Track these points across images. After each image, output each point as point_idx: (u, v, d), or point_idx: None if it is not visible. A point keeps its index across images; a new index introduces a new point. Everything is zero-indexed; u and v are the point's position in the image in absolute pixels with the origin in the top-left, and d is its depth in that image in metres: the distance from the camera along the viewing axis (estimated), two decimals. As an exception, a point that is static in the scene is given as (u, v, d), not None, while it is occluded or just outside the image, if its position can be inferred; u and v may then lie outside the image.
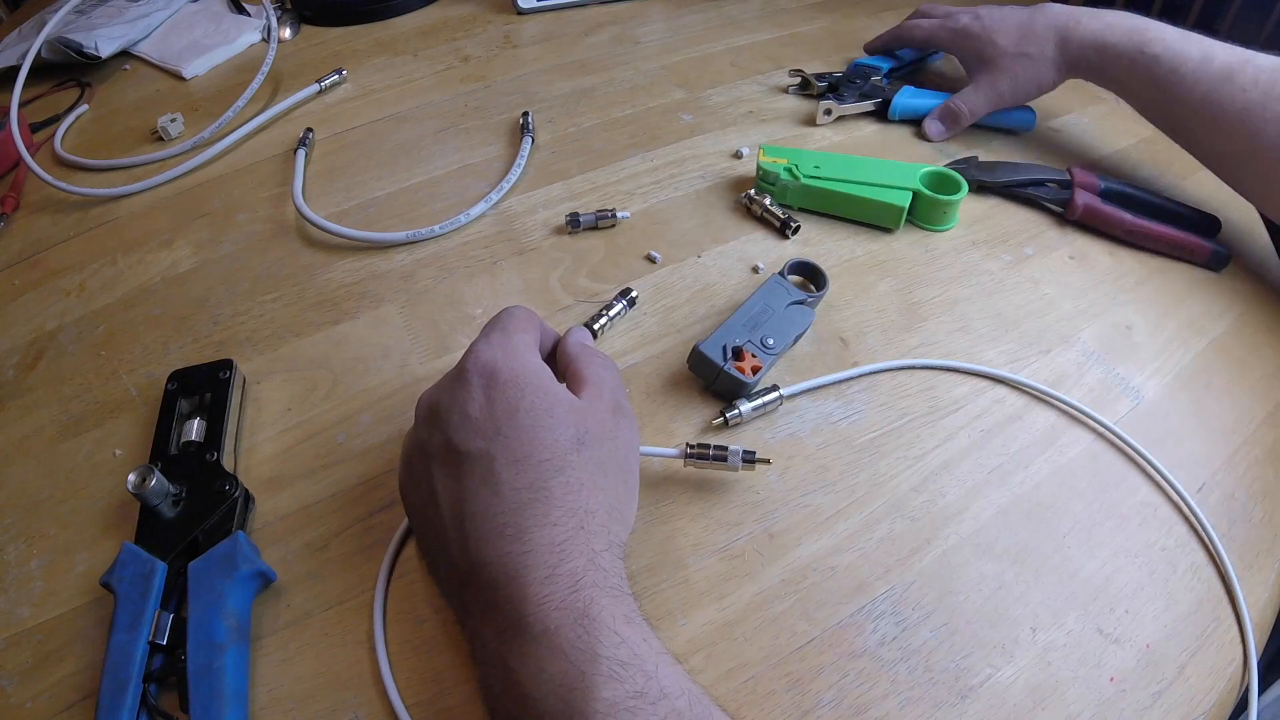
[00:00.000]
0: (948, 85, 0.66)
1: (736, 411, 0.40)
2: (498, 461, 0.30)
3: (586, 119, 0.62)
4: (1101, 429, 0.41)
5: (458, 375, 0.32)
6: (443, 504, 0.31)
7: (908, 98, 0.62)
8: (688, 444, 0.37)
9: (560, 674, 0.26)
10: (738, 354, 0.41)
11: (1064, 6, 0.56)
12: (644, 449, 0.37)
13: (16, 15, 0.84)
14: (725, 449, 0.37)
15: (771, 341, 0.42)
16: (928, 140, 0.60)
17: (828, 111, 0.62)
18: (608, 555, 0.29)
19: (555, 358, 0.37)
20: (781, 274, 0.47)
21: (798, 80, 0.66)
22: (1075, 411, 0.41)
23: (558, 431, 0.31)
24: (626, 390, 0.37)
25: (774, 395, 0.41)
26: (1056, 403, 0.42)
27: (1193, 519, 0.37)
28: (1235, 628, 0.34)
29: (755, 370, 0.41)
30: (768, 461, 0.37)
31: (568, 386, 0.34)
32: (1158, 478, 0.39)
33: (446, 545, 0.31)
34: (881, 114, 0.63)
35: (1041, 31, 0.56)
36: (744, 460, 0.37)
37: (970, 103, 0.59)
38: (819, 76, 0.65)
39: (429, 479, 0.32)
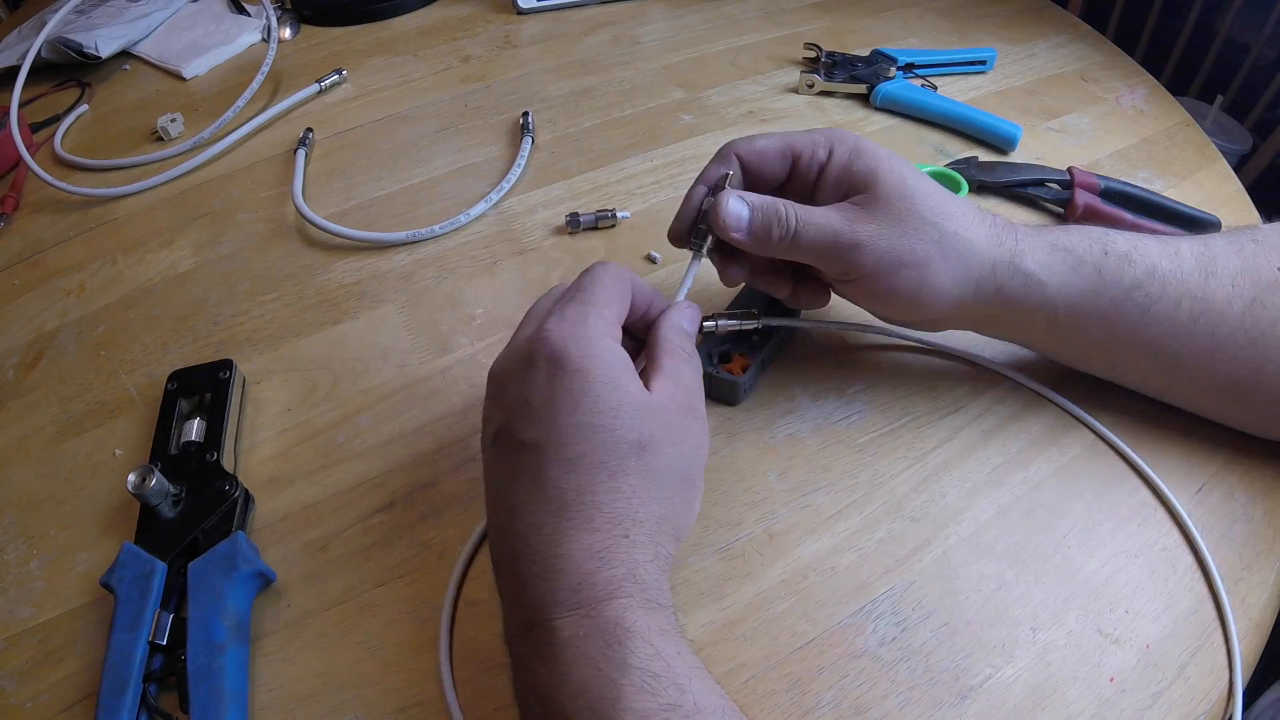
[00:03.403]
0: (970, 95, 0.66)
1: (713, 322, 0.39)
2: (548, 455, 0.28)
3: (586, 119, 0.62)
4: (1101, 430, 0.40)
5: (526, 354, 0.30)
6: (492, 484, 0.31)
7: (896, 87, 0.62)
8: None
9: (586, 681, 0.25)
10: (725, 357, 0.41)
11: (983, 210, 0.37)
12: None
13: (16, 15, 0.84)
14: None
15: (757, 338, 0.42)
16: (713, 223, 0.36)
17: (810, 85, 0.64)
18: (651, 567, 0.28)
19: (645, 330, 0.35)
20: None
21: (812, 54, 0.67)
22: (1075, 412, 0.41)
23: (619, 433, 0.29)
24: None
25: (754, 320, 0.40)
26: (1056, 403, 0.42)
27: (1185, 524, 0.37)
28: (1234, 628, 0.34)
29: (745, 368, 0.41)
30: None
31: (647, 372, 0.32)
32: (1154, 479, 0.39)
33: (491, 523, 0.31)
34: (867, 99, 0.64)
35: (966, 219, 0.35)
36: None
37: (809, 222, 0.35)
38: (831, 54, 0.66)
39: (486, 455, 0.31)
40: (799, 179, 0.38)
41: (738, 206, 0.36)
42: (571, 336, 0.30)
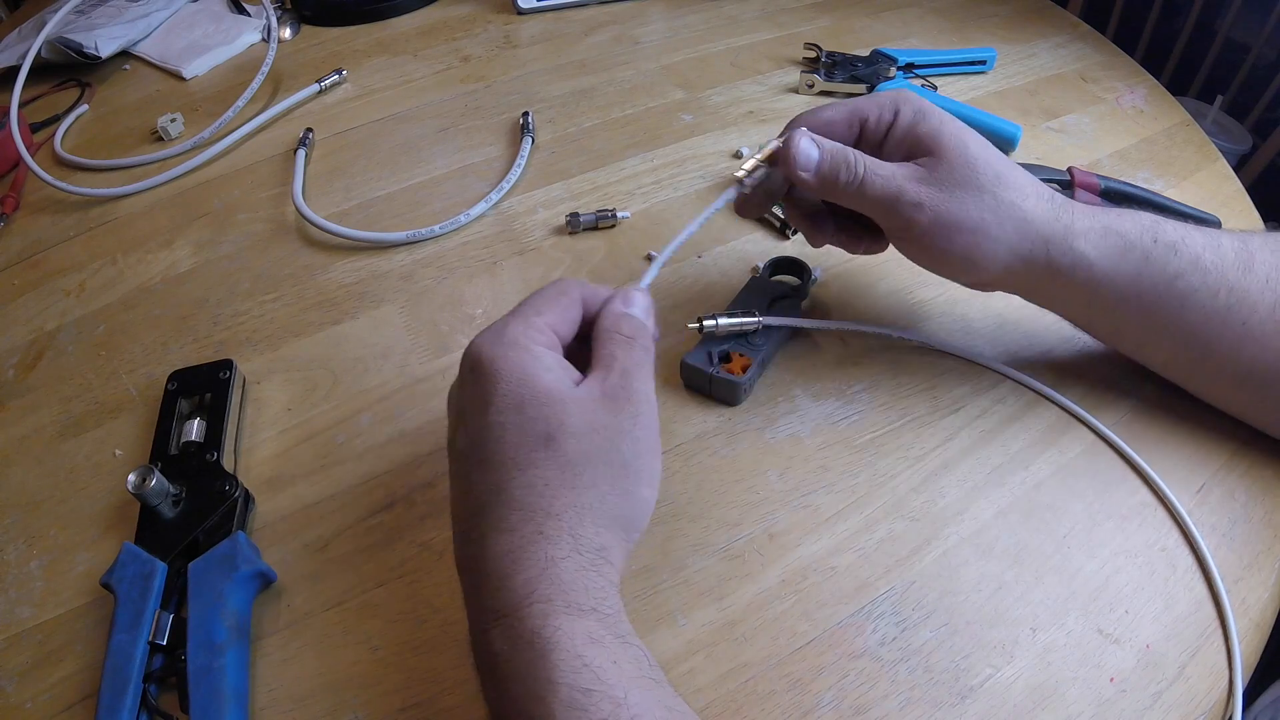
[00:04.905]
0: (970, 95, 0.66)
1: (713, 320, 0.41)
2: (469, 460, 0.29)
3: (586, 119, 0.62)
4: (1102, 429, 0.40)
5: (461, 368, 0.32)
6: (451, 496, 0.31)
7: (896, 87, 0.62)
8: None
9: (520, 698, 0.25)
10: (725, 357, 0.41)
11: (1040, 182, 0.38)
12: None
13: (16, 15, 0.84)
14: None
15: (759, 339, 0.42)
16: (785, 160, 0.37)
17: (810, 85, 0.64)
18: (569, 564, 0.27)
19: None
20: (760, 275, 0.47)
21: (812, 54, 0.66)
22: (1076, 411, 0.41)
23: (525, 427, 0.28)
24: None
25: (752, 320, 0.42)
26: (1057, 403, 0.42)
27: (1185, 524, 0.37)
28: (1234, 628, 0.34)
29: (745, 368, 0.41)
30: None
31: (590, 365, 0.32)
32: (1155, 479, 0.39)
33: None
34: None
35: (1024, 190, 0.37)
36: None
37: (875, 172, 0.37)
38: (831, 54, 0.66)
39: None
40: (866, 141, 0.39)
41: (808, 147, 0.37)
42: (488, 343, 0.30)
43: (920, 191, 0.36)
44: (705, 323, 0.41)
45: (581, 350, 0.33)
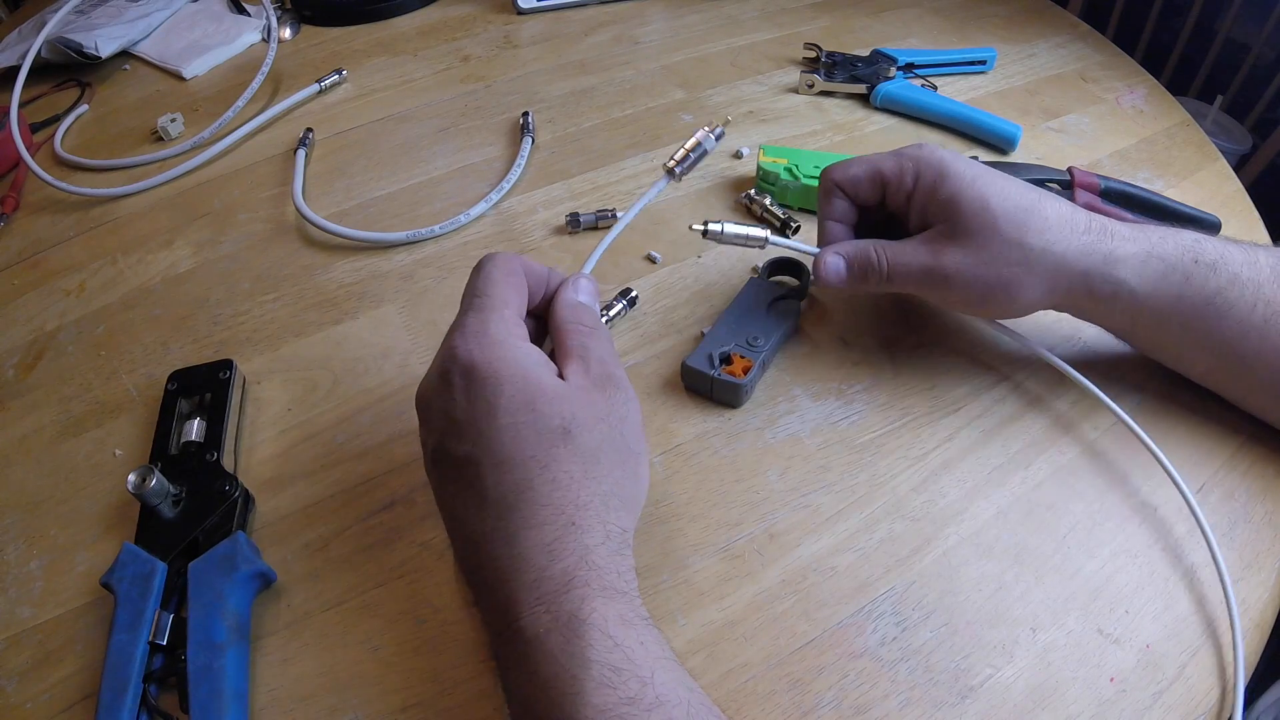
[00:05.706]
0: (970, 95, 0.66)
1: (719, 226, 0.41)
2: (483, 465, 0.29)
3: (586, 119, 0.62)
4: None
5: (441, 373, 0.31)
6: (443, 506, 0.31)
7: (896, 87, 0.63)
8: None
9: (551, 678, 0.26)
10: (726, 359, 0.41)
11: (1078, 209, 0.38)
12: None
13: (16, 15, 0.84)
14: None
15: (759, 340, 0.42)
16: (817, 278, 0.41)
17: (810, 85, 0.65)
18: (603, 549, 0.28)
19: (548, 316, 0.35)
20: (760, 277, 0.47)
21: (812, 54, 0.67)
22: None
23: (541, 424, 0.29)
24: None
25: (760, 232, 0.41)
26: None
27: (1192, 519, 0.37)
28: (1239, 627, 0.34)
29: (746, 370, 0.41)
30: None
31: (557, 358, 0.33)
32: (1157, 477, 0.39)
33: (451, 541, 0.31)
34: (868, 99, 0.64)
35: (1056, 228, 0.37)
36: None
37: (899, 262, 0.39)
38: (831, 54, 0.67)
39: (431, 479, 0.32)
40: (891, 201, 0.41)
41: (836, 261, 0.41)
42: (477, 347, 0.31)
43: (944, 263, 0.38)
44: (710, 226, 0.41)
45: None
